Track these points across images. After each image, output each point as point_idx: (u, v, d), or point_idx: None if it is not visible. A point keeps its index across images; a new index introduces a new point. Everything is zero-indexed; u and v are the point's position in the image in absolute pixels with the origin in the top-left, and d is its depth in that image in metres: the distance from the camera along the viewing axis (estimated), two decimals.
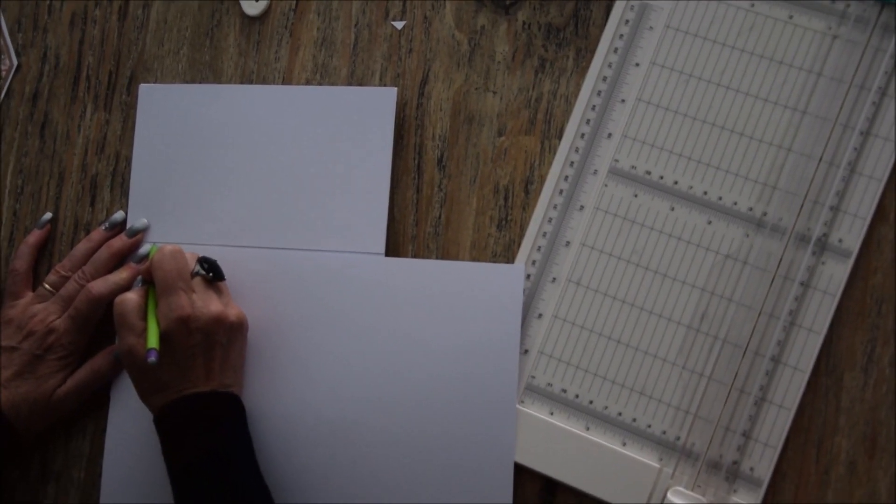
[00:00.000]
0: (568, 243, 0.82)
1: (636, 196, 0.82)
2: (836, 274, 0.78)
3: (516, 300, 0.82)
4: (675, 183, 0.81)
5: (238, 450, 0.78)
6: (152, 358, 0.77)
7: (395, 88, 0.85)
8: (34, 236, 0.90)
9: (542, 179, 0.84)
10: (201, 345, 0.79)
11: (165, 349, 0.78)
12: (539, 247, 0.83)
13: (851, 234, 0.78)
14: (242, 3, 0.90)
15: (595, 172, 0.83)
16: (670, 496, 0.77)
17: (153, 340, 0.78)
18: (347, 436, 0.82)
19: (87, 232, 0.90)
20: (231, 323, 0.81)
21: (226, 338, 0.80)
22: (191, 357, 0.78)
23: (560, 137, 0.84)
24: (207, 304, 0.80)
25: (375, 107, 0.86)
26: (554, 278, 0.82)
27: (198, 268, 0.82)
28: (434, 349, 0.82)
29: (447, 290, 0.83)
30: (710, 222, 0.80)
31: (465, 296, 0.82)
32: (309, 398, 0.83)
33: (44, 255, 0.91)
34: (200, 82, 0.91)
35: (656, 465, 0.79)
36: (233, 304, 0.83)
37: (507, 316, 0.82)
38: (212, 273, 0.82)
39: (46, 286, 0.87)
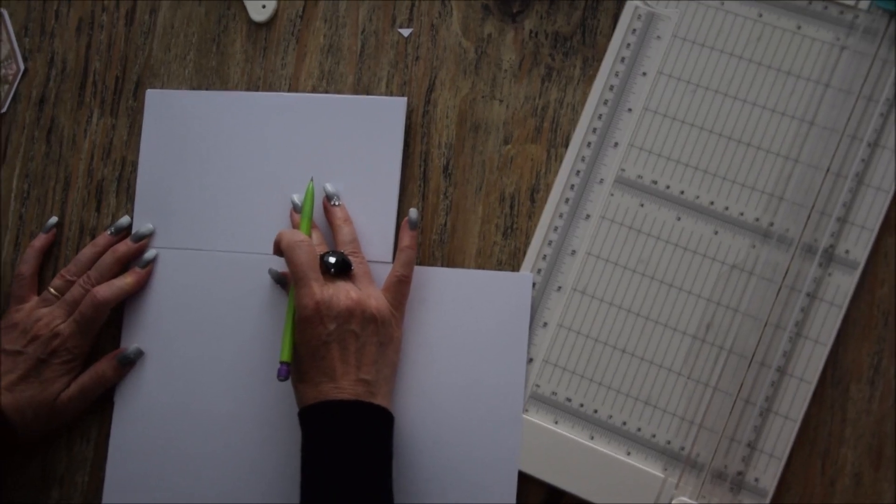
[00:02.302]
0: (573, 252, 0.82)
1: (642, 205, 0.82)
2: (842, 285, 0.78)
3: (524, 308, 0.82)
4: (682, 193, 0.81)
5: (367, 467, 0.75)
6: (282, 375, 0.77)
7: (405, 99, 0.86)
8: (40, 240, 0.90)
9: (548, 188, 0.84)
10: (336, 334, 0.76)
11: (302, 339, 0.77)
12: (544, 255, 0.83)
13: (858, 245, 0.78)
14: (249, 9, 0.90)
15: (601, 181, 0.82)
16: None
17: (286, 352, 0.77)
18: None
19: (93, 237, 0.90)
20: (368, 312, 0.78)
21: (360, 327, 0.77)
22: (326, 347, 0.76)
23: (566, 146, 0.84)
24: (342, 292, 0.77)
25: (385, 117, 0.86)
26: (559, 287, 0.82)
27: (327, 261, 0.79)
28: (440, 356, 0.82)
29: (455, 297, 0.83)
30: (716, 232, 0.80)
31: (473, 303, 0.82)
32: None
33: (49, 260, 0.91)
34: (207, 88, 0.91)
35: (661, 474, 0.78)
36: (376, 298, 0.80)
37: (514, 324, 0.82)
38: (333, 269, 0.79)
39: (52, 290, 0.87)
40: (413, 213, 0.83)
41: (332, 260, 0.79)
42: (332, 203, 0.85)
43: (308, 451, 0.75)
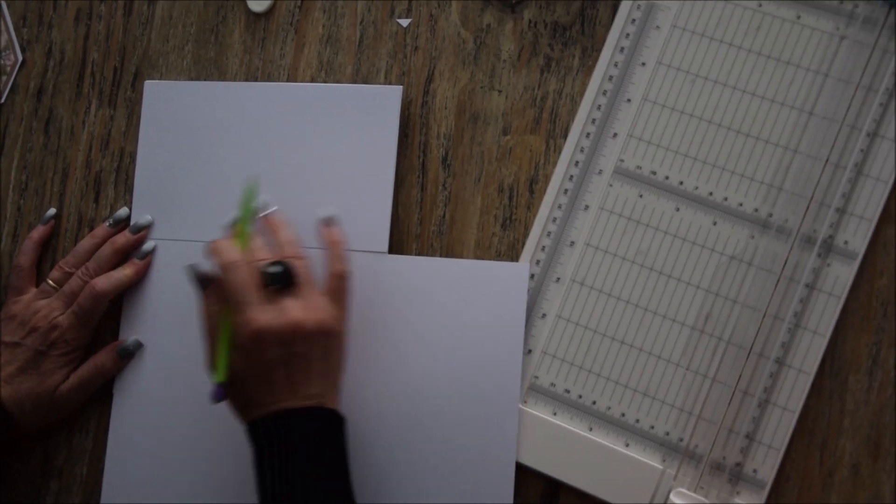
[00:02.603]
0: (572, 243, 0.82)
1: (641, 196, 0.82)
2: (841, 276, 0.78)
3: (520, 298, 0.82)
4: (681, 183, 0.81)
5: (323, 469, 0.73)
6: (217, 397, 0.75)
7: (401, 87, 0.85)
8: (38, 232, 0.90)
9: (547, 179, 0.83)
10: (280, 358, 0.73)
11: (245, 365, 0.74)
12: (543, 246, 0.82)
13: (857, 236, 0.78)
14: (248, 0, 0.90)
15: (600, 172, 0.82)
16: (673, 497, 0.77)
17: (220, 373, 0.74)
18: (349, 433, 0.82)
19: (91, 228, 0.90)
20: (308, 331, 0.74)
21: (305, 347, 0.74)
22: (271, 371, 0.73)
23: (565, 137, 0.84)
24: (282, 313, 0.74)
25: (380, 105, 0.85)
26: (558, 278, 0.82)
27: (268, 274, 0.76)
28: (437, 347, 0.82)
29: (451, 287, 0.83)
30: (715, 223, 0.80)
31: (469, 294, 0.82)
32: None
33: (47, 251, 0.91)
34: (205, 79, 0.90)
35: (659, 466, 0.78)
36: (317, 309, 0.75)
37: (510, 314, 0.82)
38: (272, 286, 0.75)
39: (50, 282, 0.87)
40: (320, 212, 0.82)
41: (273, 273, 0.75)
42: (267, 211, 0.84)
43: (261, 464, 0.73)
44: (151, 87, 0.90)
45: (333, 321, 0.76)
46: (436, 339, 0.82)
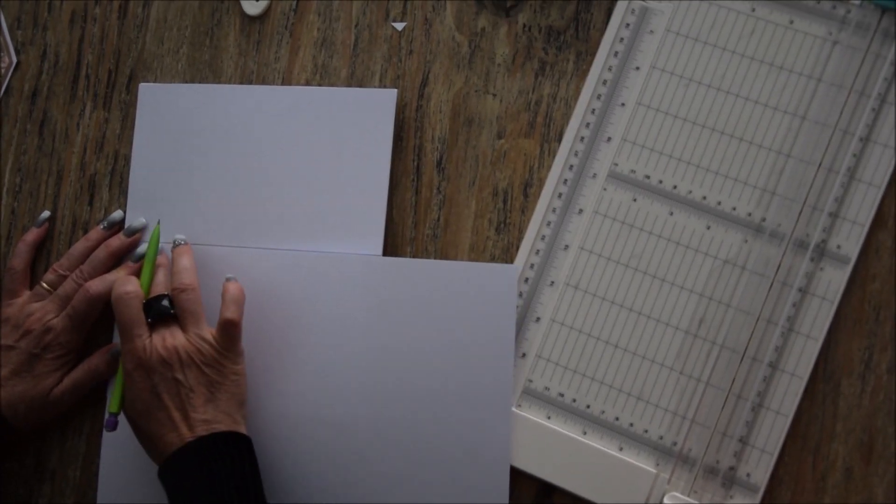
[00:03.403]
0: (566, 247, 0.82)
1: (635, 200, 0.82)
2: (834, 280, 0.78)
3: (511, 300, 0.82)
4: (675, 187, 0.81)
5: (237, 498, 0.75)
6: (109, 427, 0.80)
7: (396, 90, 0.85)
8: (32, 234, 0.90)
9: (542, 183, 0.84)
10: (162, 385, 0.77)
11: (135, 395, 0.78)
12: (537, 250, 0.83)
13: (850, 240, 0.78)
14: (243, 2, 0.90)
15: (594, 176, 0.82)
16: (667, 501, 0.77)
17: (114, 404, 0.80)
18: (342, 437, 0.82)
19: (86, 231, 0.90)
20: (185, 358, 0.78)
21: (184, 374, 0.78)
22: (158, 398, 0.77)
23: (559, 141, 0.84)
24: (160, 342, 0.79)
25: (375, 108, 0.86)
26: (552, 282, 0.82)
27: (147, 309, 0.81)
28: (429, 349, 0.82)
29: (442, 289, 0.82)
30: (708, 227, 0.80)
31: (460, 296, 0.82)
32: (303, 398, 0.83)
33: (41, 254, 0.91)
34: (200, 82, 0.90)
35: (653, 470, 0.79)
36: (196, 339, 0.80)
37: (501, 316, 0.82)
38: (150, 319, 0.80)
39: (44, 285, 0.87)
40: (229, 275, 0.84)
41: (151, 305, 0.80)
42: (177, 244, 0.86)
43: None
44: (146, 90, 0.90)
45: (210, 353, 0.79)
46: (427, 341, 0.82)
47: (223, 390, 0.79)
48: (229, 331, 0.80)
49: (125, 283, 0.81)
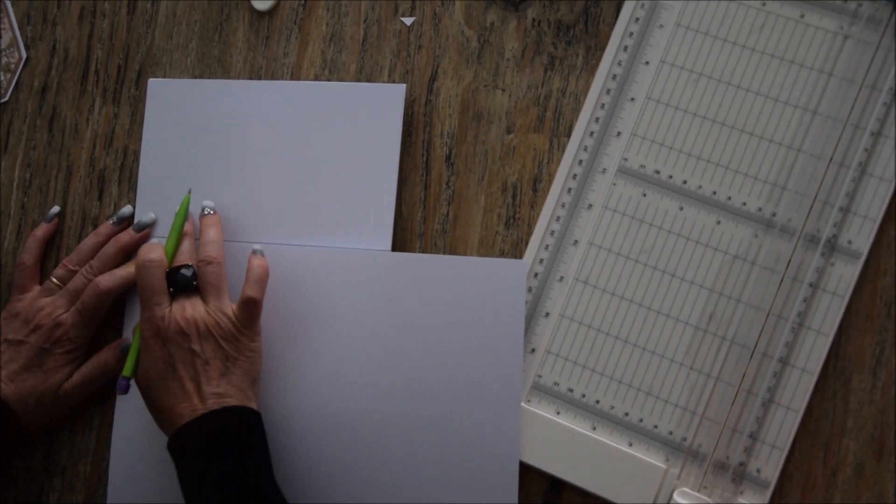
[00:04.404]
0: (576, 242, 0.82)
1: (645, 195, 0.82)
2: (845, 275, 0.78)
3: (519, 295, 0.82)
4: (684, 182, 0.81)
5: (246, 472, 0.75)
6: (121, 390, 0.80)
7: (404, 85, 0.85)
8: (42, 230, 0.90)
9: (551, 177, 0.83)
10: (177, 355, 0.77)
11: (150, 363, 0.78)
12: (547, 245, 0.82)
13: (861, 235, 0.78)
14: None
15: (604, 171, 0.82)
16: (676, 497, 0.77)
17: (128, 368, 0.80)
18: (350, 432, 0.82)
19: (95, 226, 0.90)
20: (203, 329, 0.78)
21: (201, 345, 0.78)
22: (172, 368, 0.77)
23: (569, 135, 0.83)
24: (180, 312, 0.78)
25: (384, 103, 0.85)
26: (561, 277, 0.82)
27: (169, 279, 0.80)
28: (437, 344, 0.82)
29: (451, 284, 0.82)
30: (718, 222, 0.80)
31: (469, 291, 0.82)
32: (311, 392, 0.83)
33: (51, 249, 0.91)
34: (209, 77, 0.90)
35: (663, 465, 0.78)
36: (216, 312, 0.79)
37: (510, 311, 0.82)
38: (172, 289, 0.80)
39: (54, 280, 0.87)
40: (256, 247, 0.84)
41: (174, 275, 0.80)
42: (205, 213, 0.86)
43: (184, 479, 0.76)
44: (155, 85, 0.90)
45: (229, 328, 0.79)
46: (436, 336, 0.82)
47: (238, 365, 0.79)
48: (250, 309, 0.80)
49: (150, 251, 0.80)
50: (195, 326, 0.78)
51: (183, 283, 0.80)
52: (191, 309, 0.79)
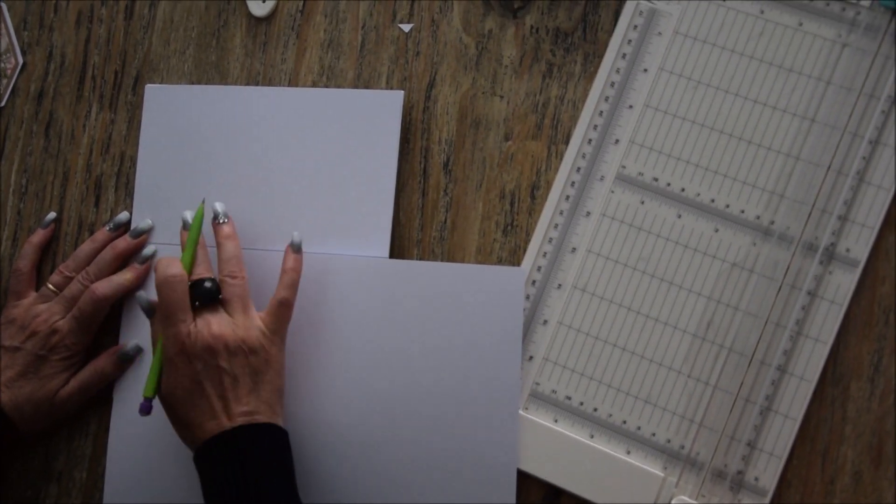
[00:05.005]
0: (574, 249, 0.82)
1: (643, 203, 0.81)
2: (843, 283, 0.78)
3: (517, 303, 0.82)
4: (683, 190, 0.81)
5: (272, 491, 0.74)
6: (143, 411, 0.77)
7: (402, 92, 0.85)
8: (38, 236, 0.90)
9: (549, 185, 0.83)
10: (205, 372, 0.75)
11: (175, 380, 0.76)
12: (545, 252, 0.82)
13: (859, 243, 0.78)
14: (249, 3, 0.90)
15: (602, 178, 0.82)
16: None
17: (149, 388, 0.78)
18: (348, 439, 0.82)
19: (92, 232, 0.90)
20: (232, 345, 0.76)
21: (229, 362, 0.76)
22: (199, 385, 0.75)
23: (567, 143, 0.83)
24: (206, 328, 0.76)
25: (382, 110, 0.85)
26: (559, 285, 0.82)
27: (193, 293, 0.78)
28: (435, 351, 0.82)
29: (449, 292, 0.82)
30: (717, 230, 0.80)
31: (467, 298, 0.82)
32: (309, 399, 0.83)
33: (48, 255, 0.91)
34: (206, 83, 0.90)
35: (661, 473, 0.78)
36: (242, 326, 0.78)
37: (508, 319, 0.81)
38: (197, 303, 0.78)
39: (50, 286, 0.87)
40: (296, 235, 0.82)
41: (199, 290, 0.78)
42: (219, 221, 0.84)
43: (209, 493, 0.74)
44: (152, 91, 0.90)
45: (259, 340, 0.78)
46: (434, 343, 0.82)
47: (266, 380, 0.77)
48: (282, 311, 0.79)
49: (169, 266, 0.78)
50: (223, 342, 0.76)
51: (208, 295, 0.78)
52: (216, 324, 0.77)
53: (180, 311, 0.77)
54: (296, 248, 0.82)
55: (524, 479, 0.80)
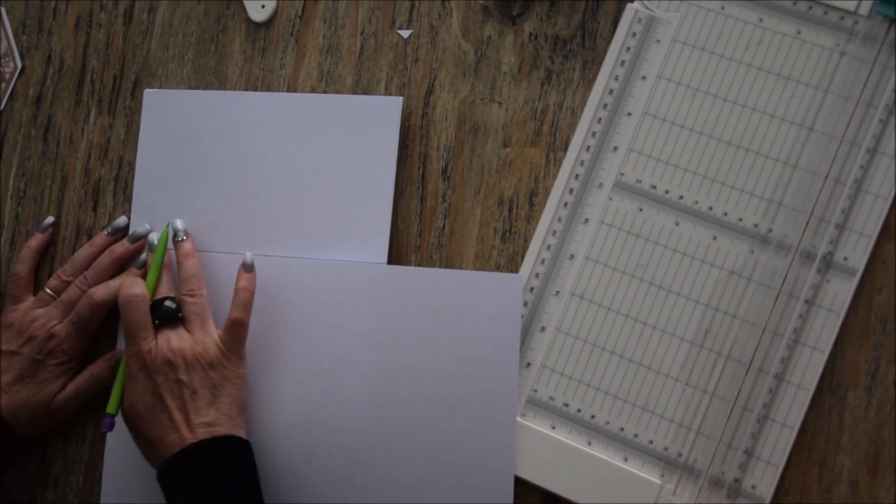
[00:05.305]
0: (572, 256, 0.82)
1: (641, 210, 0.82)
2: (840, 292, 0.78)
3: (515, 309, 0.82)
4: (681, 198, 0.81)
5: (234, 500, 0.75)
6: (106, 427, 0.80)
7: (401, 98, 0.85)
8: (36, 240, 0.90)
9: (547, 192, 0.83)
10: (165, 386, 0.77)
11: (137, 396, 0.78)
12: (543, 259, 0.82)
13: (857, 252, 0.78)
14: (248, 8, 0.90)
15: (600, 186, 0.82)
16: None
17: (112, 405, 0.80)
18: (344, 445, 0.82)
19: (90, 237, 0.90)
20: (190, 359, 0.79)
21: (186, 375, 0.78)
22: (160, 399, 0.77)
23: (565, 150, 0.84)
24: (165, 343, 0.79)
25: (380, 116, 0.85)
26: (557, 291, 0.82)
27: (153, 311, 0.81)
28: (433, 358, 0.82)
29: (447, 298, 0.82)
30: (715, 238, 0.80)
31: (465, 305, 0.82)
32: (306, 406, 0.83)
33: (45, 260, 0.91)
34: (205, 88, 0.90)
35: (658, 481, 0.78)
36: (200, 342, 0.80)
37: (506, 325, 0.81)
38: (157, 321, 0.80)
39: (48, 291, 0.87)
40: (248, 255, 0.84)
41: (158, 308, 0.80)
42: (179, 238, 0.86)
43: None
44: (151, 96, 0.90)
45: (216, 355, 0.80)
46: (432, 350, 0.82)
47: (225, 393, 0.79)
48: (235, 330, 0.81)
49: (132, 286, 0.80)
50: (182, 356, 0.78)
51: (168, 315, 0.80)
52: (176, 340, 0.79)
53: (142, 329, 0.79)
54: (248, 268, 0.84)
55: (521, 485, 0.80)
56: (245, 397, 0.81)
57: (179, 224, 0.86)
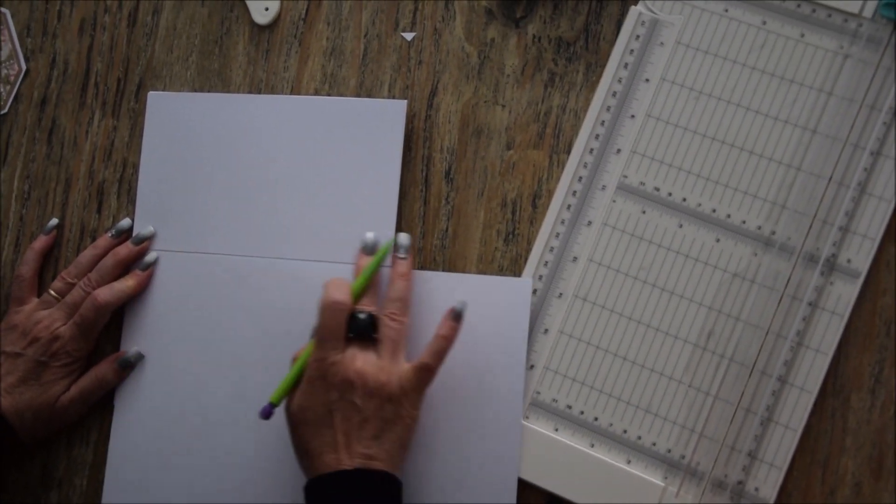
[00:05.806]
0: (575, 259, 0.82)
1: (644, 212, 0.82)
2: (844, 294, 0.78)
3: (523, 314, 0.82)
4: (684, 200, 0.81)
5: None
6: (264, 415, 0.76)
7: (405, 101, 0.85)
8: (40, 242, 0.90)
9: (550, 194, 0.83)
10: (338, 403, 0.75)
11: (307, 401, 0.75)
12: (546, 262, 0.82)
13: (860, 254, 0.78)
14: (252, 11, 0.90)
15: (603, 188, 0.82)
16: None
17: (277, 394, 0.77)
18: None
19: (94, 239, 0.90)
20: (370, 387, 0.75)
21: (363, 401, 0.75)
22: (328, 415, 0.75)
23: (569, 152, 0.84)
24: (351, 361, 0.76)
25: (385, 119, 0.85)
26: (560, 294, 0.82)
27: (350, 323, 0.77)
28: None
29: (453, 302, 0.82)
30: (718, 240, 0.80)
31: (472, 309, 0.82)
32: None
33: (49, 262, 0.91)
34: (209, 90, 0.90)
35: (661, 483, 0.78)
36: (387, 371, 0.76)
37: (513, 330, 0.81)
38: (352, 334, 0.77)
39: (52, 292, 0.87)
40: (459, 304, 0.79)
41: (355, 322, 0.77)
42: (400, 255, 0.82)
43: None
44: (155, 98, 0.90)
45: (397, 391, 0.76)
46: None
47: (394, 431, 0.76)
48: (423, 374, 0.77)
49: (338, 291, 0.77)
50: (363, 380, 0.75)
51: (362, 332, 0.77)
52: (362, 361, 0.76)
53: (333, 338, 0.76)
54: (456, 316, 0.79)
55: (525, 487, 0.80)
56: (411, 439, 0.78)
57: (405, 240, 0.83)
